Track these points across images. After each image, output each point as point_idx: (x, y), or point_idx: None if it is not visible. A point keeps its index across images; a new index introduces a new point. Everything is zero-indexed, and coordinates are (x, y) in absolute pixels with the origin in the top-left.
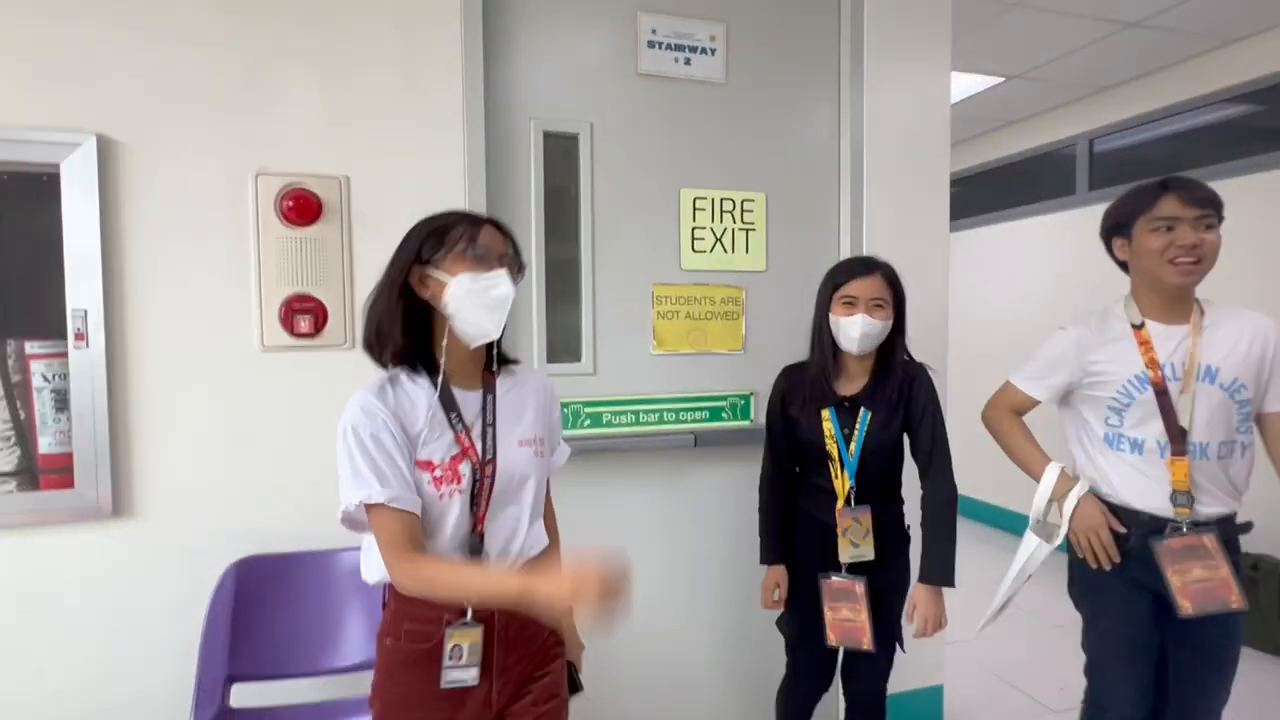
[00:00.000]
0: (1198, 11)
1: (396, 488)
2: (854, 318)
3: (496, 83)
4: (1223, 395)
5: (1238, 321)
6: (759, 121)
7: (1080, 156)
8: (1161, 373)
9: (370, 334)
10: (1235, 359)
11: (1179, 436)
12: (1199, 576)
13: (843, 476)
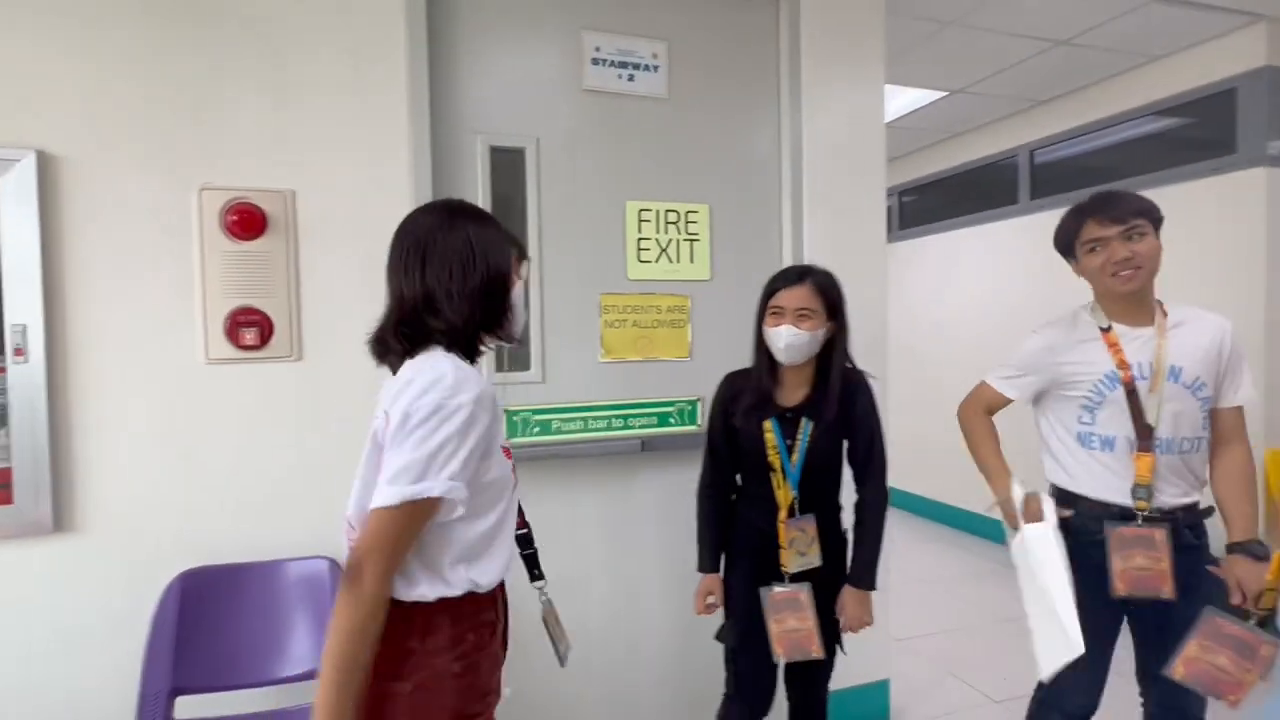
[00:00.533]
0: (1119, 31)
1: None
2: (780, 328)
3: (442, 98)
4: (1187, 394)
5: (1199, 323)
6: (702, 136)
7: (1022, 167)
8: (1132, 373)
9: (471, 321)
10: (1197, 359)
11: (1146, 433)
12: (1140, 564)
13: (785, 487)
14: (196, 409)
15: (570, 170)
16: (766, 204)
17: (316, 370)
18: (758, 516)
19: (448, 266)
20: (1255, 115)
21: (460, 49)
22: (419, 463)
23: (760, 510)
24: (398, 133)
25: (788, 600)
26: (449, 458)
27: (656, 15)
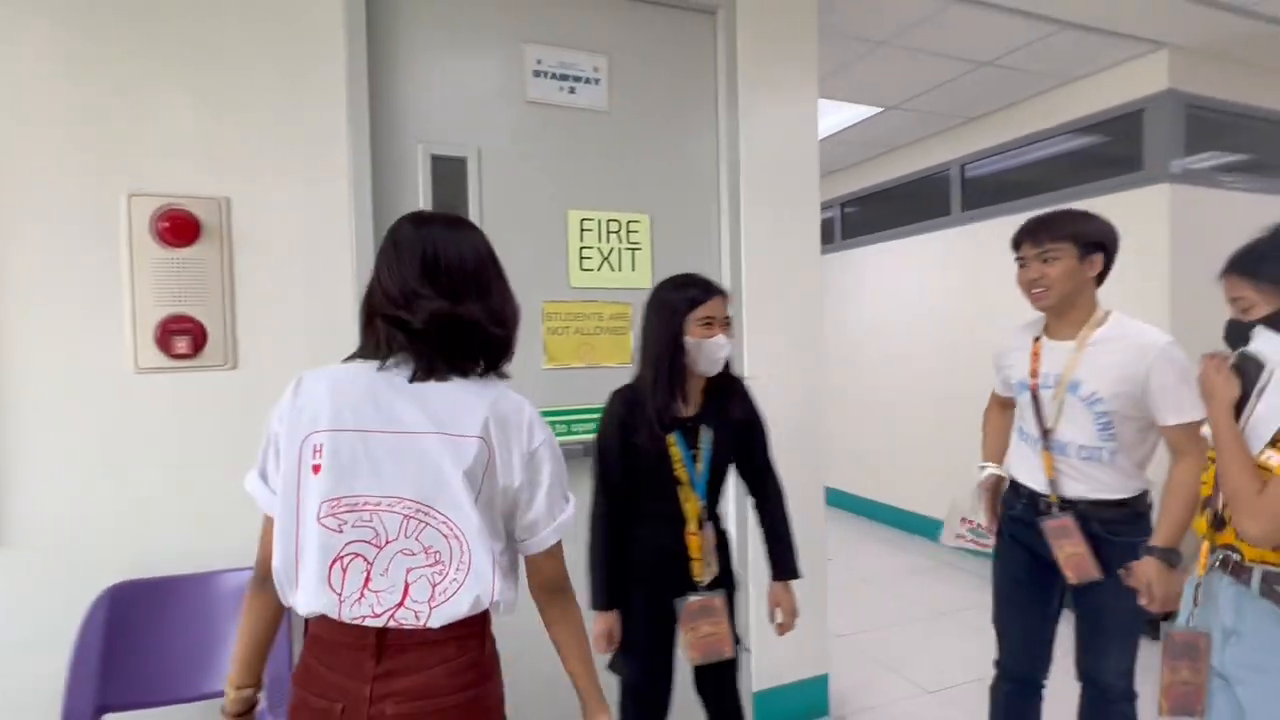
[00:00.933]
0: (1038, 55)
1: None
2: (716, 338)
3: (383, 106)
4: (1082, 406)
5: (1124, 341)
6: (642, 148)
7: (954, 180)
8: (1039, 381)
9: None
10: (1101, 377)
11: (1045, 434)
12: (1071, 551)
13: (693, 498)
14: (126, 419)
15: (513, 179)
16: (705, 214)
17: (253, 379)
18: (660, 534)
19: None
20: (1159, 135)
21: (401, 58)
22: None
23: (663, 527)
24: (337, 140)
25: (704, 608)
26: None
27: (597, 30)
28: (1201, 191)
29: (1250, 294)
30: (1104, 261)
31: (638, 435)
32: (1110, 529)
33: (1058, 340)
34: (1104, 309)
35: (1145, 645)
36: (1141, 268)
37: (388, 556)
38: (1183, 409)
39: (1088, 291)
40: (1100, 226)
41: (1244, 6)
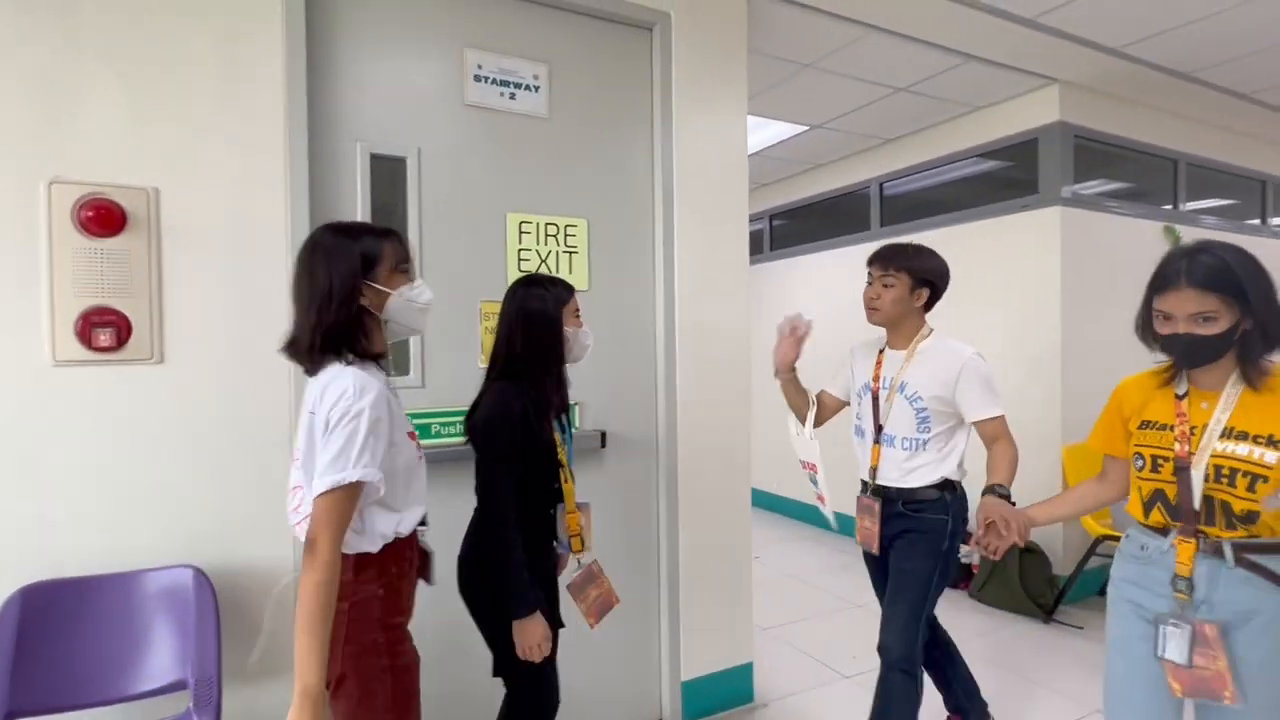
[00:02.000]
0: (947, 84)
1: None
2: (585, 328)
3: (321, 103)
4: (907, 405)
5: (940, 353)
6: (581, 155)
7: (873, 197)
8: (879, 384)
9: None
10: (922, 382)
11: (877, 431)
12: (865, 525)
13: (571, 479)
14: (43, 413)
15: (452, 181)
16: (641, 221)
17: (180, 373)
18: (548, 520)
19: (301, 298)
20: (1052, 162)
21: (341, 54)
22: (337, 458)
23: (548, 514)
24: (274, 134)
25: (586, 576)
26: (361, 452)
27: (538, 39)
28: (1089, 215)
29: (1213, 306)
30: (930, 294)
31: (537, 425)
32: (914, 508)
33: (895, 350)
34: (929, 327)
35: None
36: (1037, 281)
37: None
38: (986, 407)
39: (915, 314)
40: (934, 265)
41: (1122, 50)
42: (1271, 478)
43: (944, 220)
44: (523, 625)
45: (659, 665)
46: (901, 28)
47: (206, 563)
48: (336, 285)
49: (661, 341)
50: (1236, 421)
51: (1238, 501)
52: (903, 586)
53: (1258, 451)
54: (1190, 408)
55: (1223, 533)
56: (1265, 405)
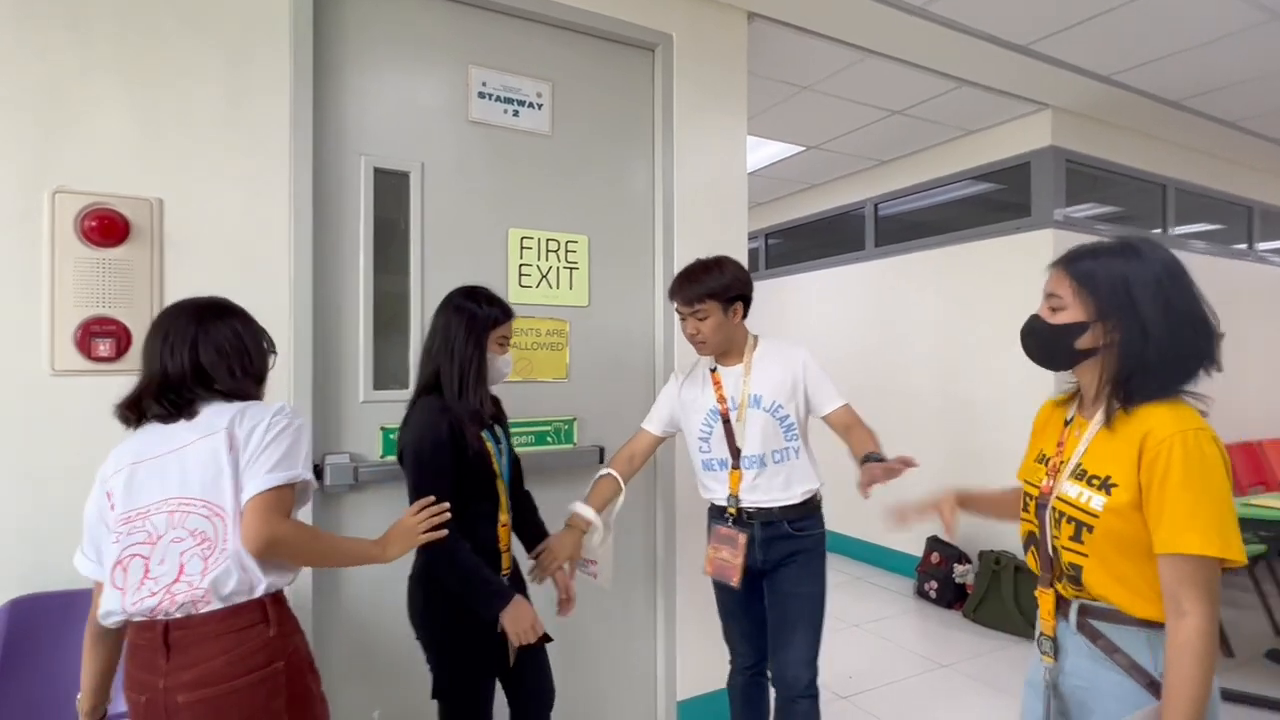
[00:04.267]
0: (941, 107)
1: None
2: (507, 355)
3: (326, 117)
4: (767, 416)
5: (776, 356)
6: (582, 172)
7: (868, 218)
8: (727, 405)
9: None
10: (772, 386)
11: (736, 455)
12: (724, 556)
13: (504, 492)
14: (40, 423)
15: (454, 196)
16: (641, 238)
17: None
18: (481, 532)
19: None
20: (1044, 185)
21: (346, 69)
22: (285, 457)
23: (482, 525)
24: (278, 147)
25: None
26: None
27: (542, 58)
28: (1082, 238)
29: (1067, 294)
30: (745, 306)
31: (465, 437)
32: (798, 526)
33: (729, 368)
34: (752, 334)
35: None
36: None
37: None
38: (836, 396)
39: (738, 329)
40: (734, 277)
41: (1113, 78)
42: (1098, 529)
43: (938, 241)
44: (506, 616)
45: (655, 684)
46: (898, 53)
47: None
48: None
49: (660, 357)
50: (1087, 458)
51: (1064, 552)
52: (801, 613)
53: (1086, 494)
54: (1070, 437)
55: (1068, 590)
56: (1113, 443)
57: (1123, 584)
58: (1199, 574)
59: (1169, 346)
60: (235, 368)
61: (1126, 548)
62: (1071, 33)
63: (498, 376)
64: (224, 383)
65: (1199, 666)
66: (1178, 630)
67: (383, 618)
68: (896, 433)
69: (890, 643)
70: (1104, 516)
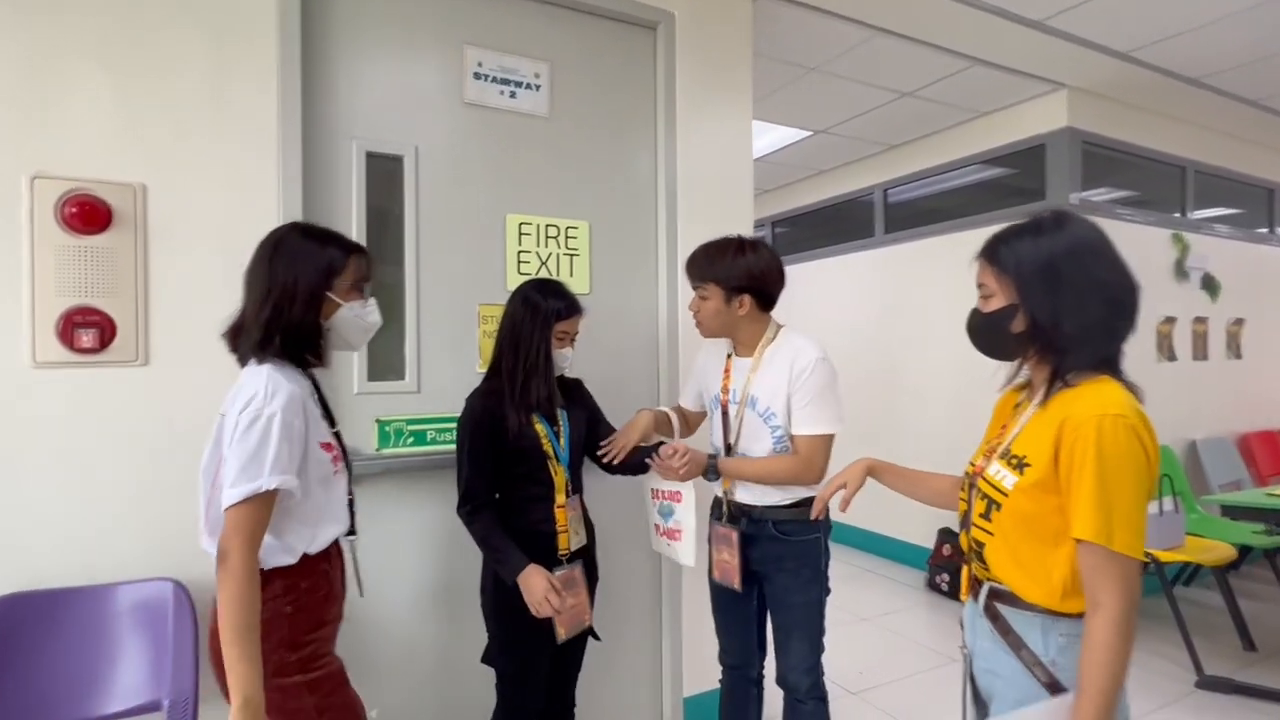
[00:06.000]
0: (953, 88)
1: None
2: (565, 351)
3: (316, 100)
4: (759, 421)
5: (784, 356)
6: (582, 155)
7: (877, 204)
8: (728, 397)
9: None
10: (768, 390)
11: (729, 450)
12: (724, 557)
13: (560, 470)
14: (20, 416)
15: (450, 181)
16: (644, 224)
17: (165, 376)
18: (529, 517)
19: (254, 292)
20: (1060, 168)
21: (336, 50)
22: (249, 465)
23: (532, 509)
24: (266, 131)
25: (568, 580)
26: (276, 457)
27: (539, 37)
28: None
29: (990, 281)
30: (754, 300)
31: (506, 423)
32: (783, 529)
33: (741, 359)
34: (777, 326)
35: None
36: None
37: None
38: (811, 421)
39: (748, 322)
40: (745, 270)
41: (1131, 55)
42: (1005, 507)
43: (950, 226)
44: (520, 584)
45: (661, 680)
46: (909, 30)
47: (188, 576)
48: (301, 286)
49: (664, 348)
50: (1018, 440)
51: (975, 529)
52: (797, 621)
53: (1002, 473)
54: (1014, 420)
55: (978, 570)
56: (1037, 423)
57: (1021, 567)
58: (1110, 565)
59: (1088, 315)
60: (248, 313)
61: (1029, 529)
62: (1088, 7)
63: (565, 368)
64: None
65: (1110, 657)
66: (1092, 621)
67: (381, 616)
68: (908, 423)
69: (901, 637)
70: (1012, 495)
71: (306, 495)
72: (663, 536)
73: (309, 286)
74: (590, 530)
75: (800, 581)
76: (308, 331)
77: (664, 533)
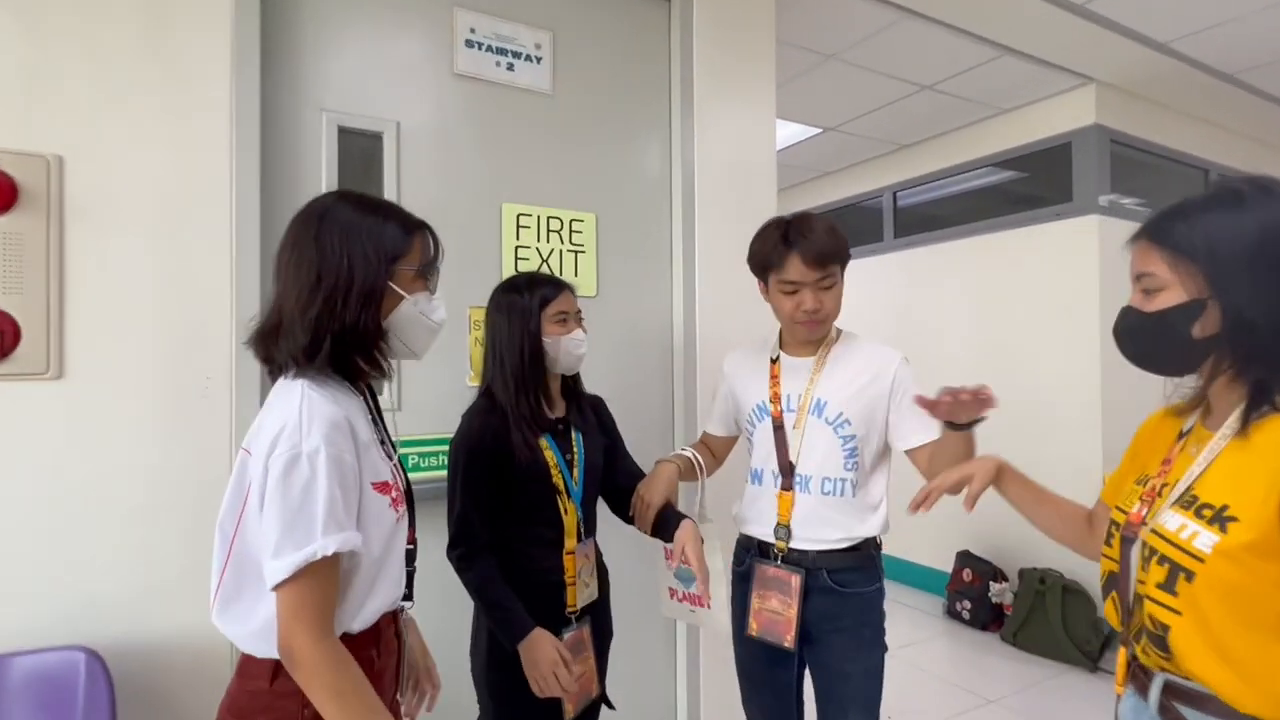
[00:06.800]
0: (976, 82)
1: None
2: (574, 334)
3: (278, 62)
4: (828, 430)
5: (861, 356)
6: (589, 139)
7: (886, 208)
8: (781, 406)
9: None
10: (846, 394)
11: (788, 470)
12: (773, 607)
13: (571, 510)
14: None
15: (437, 163)
16: (658, 217)
17: (84, 393)
18: (537, 558)
19: (297, 280)
20: (1087, 168)
21: (304, 8)
22: (295, 524)
23: (539, 550)
24: (216, 95)
25: (576, 644)
26: (331, 507)
27: (541, 2)
28: (1129, 225)
29: (1161, 270)
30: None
31: (509, 444)
32: (841, 579)
33: (796, 358)
34: (836, 325)
35: None
36: (1073, 297)
37: None
38: (926, 427)
39: None
40: (846, 239)
41: (1168, 45)
42: (1202, 577)
43: (967, 230)
44: (523, 653)
45: (674, 712)
46: (937, 13)
47: (107, 643)
48: (359, 273)
49: (680, 356)
50: (1204, 482)
51: (1149, 604)
52: (856, 694)
53: (1191, 528)
54: (1182, 454)
55: (1150, 657)
56: (1244, 463)
57: (1227, 661)
58: None
59: None
60: (288, 308)
61: (1241, 610)
62: None
63: (568, 359)
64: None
65: None
66: None
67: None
68: None
69: (924, 672)
70: (1212, 561)
71: (354, 557)
72: (683, 601)
73: (369, 273)
74: (604, 579)
75: (860, 644)
76: (366, 333)
77: (683, 598)
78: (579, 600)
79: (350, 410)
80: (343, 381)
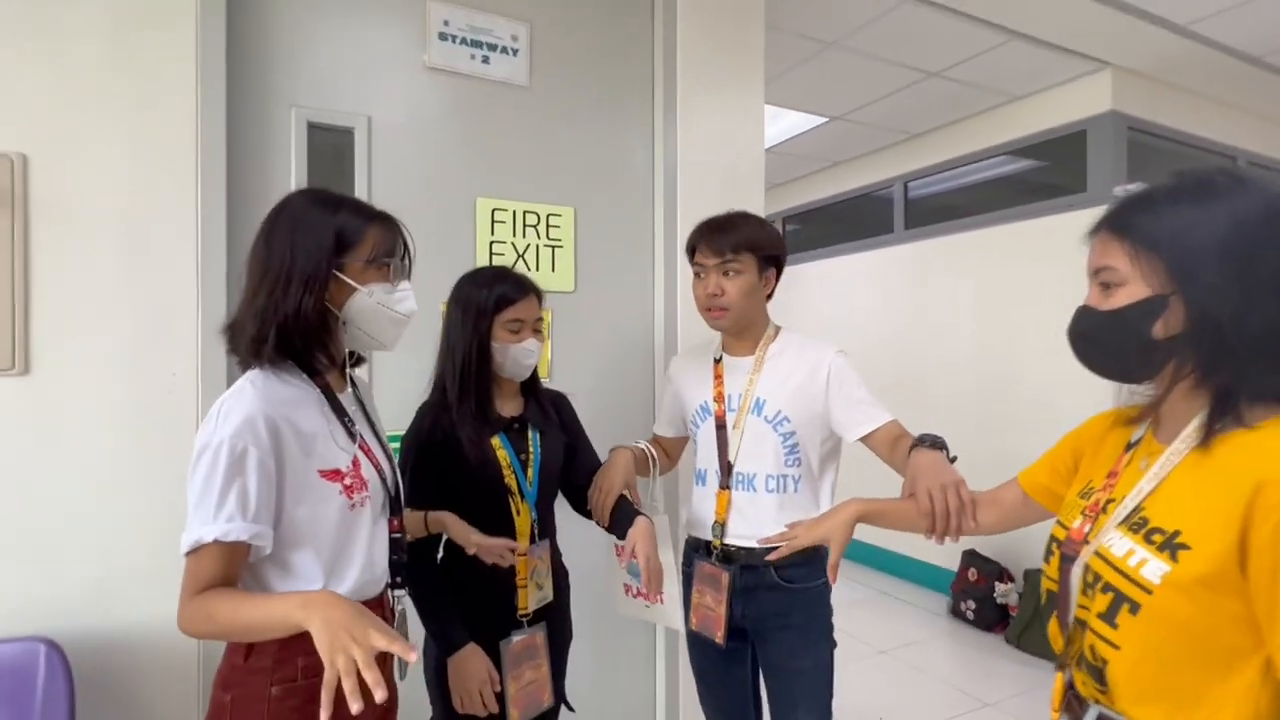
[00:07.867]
0: (985, 68)
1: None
2: (526, 343)
3: (245, 56)
4: (768, 429)
5: (797, 355)
6: (567, 132)
7: (896, 198)
8: (724, 406)
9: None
10: (784, 392)
11: (727, 469)
12: (708, 604)
13: (524, 510)
14: None
15: (410, 157)
16: (639, 211)
17: (50, 388)
18: (482, 563)
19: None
20: (1102, 156)
21: (272, 3)
22: (197, 509)
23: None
24: (181, 91)
25: (527, 649)
26: (222, 499)
27: None
28: None
29: (1122, 264)
30: (776, 278)
31: (463, 445)
32: (787, 575)
33: (737, 358)
34: (775, 324)
35: None
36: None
37: None
38: (873, 415)
39: (763, 310)
40: (773, 235)
41: (1189, 28)
42: (1148, 610)
43: (979, 222)
44: (451, 667)
45: (654, 713)
46: None
47: (68, 634)
48: (299, 263)
49: (661, 356)
50: (1154, 500)
51: (1089, 634)
52: (806, 690)
53: (1140, 555)
54: (1130, 467)
55: (1086, 685)
56: (1199, 483)
57: (1170, 700)
58: None
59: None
60: (243, 303)
61: (1189, 646)
62: None
63: (514, 367)
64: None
65: None
66: None
67: None
68: None
69: (924, 674)
70: (1161, 592)
71: (298, 544)
72: (637, 598)
73: (309, 262)
74: (561, 582)
75: (809, 640)
76: (309, 321)
77: (638, 594)
78: (530, 603)
79: (297, 402)
80: (300, 373)
